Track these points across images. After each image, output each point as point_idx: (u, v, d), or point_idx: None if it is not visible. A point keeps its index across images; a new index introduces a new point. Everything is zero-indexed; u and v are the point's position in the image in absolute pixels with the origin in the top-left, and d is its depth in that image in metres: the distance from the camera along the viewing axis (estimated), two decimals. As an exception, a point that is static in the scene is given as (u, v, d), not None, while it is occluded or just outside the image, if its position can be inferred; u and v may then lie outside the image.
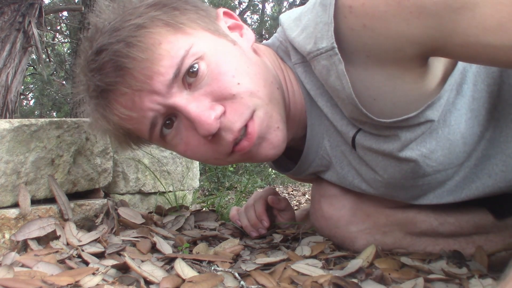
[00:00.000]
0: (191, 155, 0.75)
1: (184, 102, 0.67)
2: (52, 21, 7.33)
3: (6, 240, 0.78)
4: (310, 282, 0.66)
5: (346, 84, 0.64)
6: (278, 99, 0.73)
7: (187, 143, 0.72)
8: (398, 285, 0.67)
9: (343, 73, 0.63)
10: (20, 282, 0.59)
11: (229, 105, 0.68)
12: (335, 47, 0.61)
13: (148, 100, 0.68)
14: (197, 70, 0.67)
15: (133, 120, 0.71)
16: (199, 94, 0.68)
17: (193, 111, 0.66)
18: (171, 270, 0.72)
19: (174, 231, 1.00)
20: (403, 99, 0.65)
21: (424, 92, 0.65)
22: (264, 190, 1.07)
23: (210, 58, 0.68)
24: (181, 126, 0.72)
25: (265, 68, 0.74)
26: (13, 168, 0.81)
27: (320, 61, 0.65)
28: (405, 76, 0.63)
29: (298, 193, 3.94)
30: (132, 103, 0.69)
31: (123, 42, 0.66)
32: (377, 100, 0.66)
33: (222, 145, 0.70)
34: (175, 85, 0.67)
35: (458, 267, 0.74)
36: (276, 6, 11.99)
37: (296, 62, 0.76)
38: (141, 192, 1.26)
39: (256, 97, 0.68)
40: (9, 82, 3.54)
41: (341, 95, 0.66)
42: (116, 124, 0.73)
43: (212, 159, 0.75)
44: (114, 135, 0.77)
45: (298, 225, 1.06)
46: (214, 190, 4.22)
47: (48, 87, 9.79)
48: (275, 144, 0.72)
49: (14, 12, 3.60)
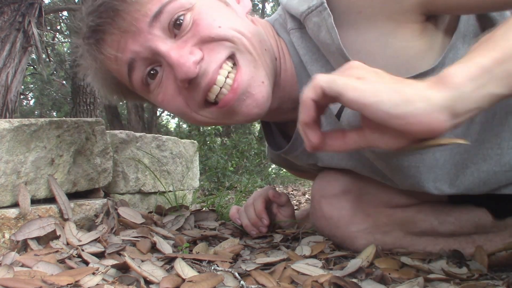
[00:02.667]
0: (166, 105, 0.76)
1: (167, 48, 0.70)
2: (52, 21, 7.33)
3: (6, 240, 0.78)
4: (310, 282, 0.66)
5: (335, 36, 0.66)
6: (266, 59, 0.74)
7: (165, 92, 0.74)
8: (398, 284, 0.67)
9: (332, 25, 0.66)
10: (20, 282, 0.59)
11: (207, 49, 0.70)
12: (324, 2, 0.66)
13: (131, 42, 0.71)
14: (183, 21, 0.70)
15: (117, 62, 0.74)
16: (181, 42, 0.71)
17: (173, 55, 0.69)
18: (171, 270, 0.72)
19: (174, 231, 1.00)
20: (393, 60, 0.66)
21: (415, 58, 0.66)
22: (264, 189, 1.07)
23: (196, 10, 0.71)
24: (164, 75, 0.73)
25: (257, 32, 0.76)
26: (13, 168, 0.81)
27: (312, 18, 0.69)
28: (397, 31, 0.65)
29: (298, 192, 3.94)
30: (118, 44, 0.72)
31: None
32: (367, 64, 0.67)
33: (196, 92, 0.71)
34: (156, 25, 0.70)
35: (458, 266, 0.74)
36: (276, 6, 12.00)
37: (292, 28, 0.78)
38: (141, 192, 1.26)
39: (237, 41, 0.70)
40: (9, 82, 3.54)
41: (331, 49, 0.68)
42: (102, 64, 0.76)
43: (186, 110, 0.75)
44: (103, 79, 0.80)
45: (298, 225, 1.06)
46: (214, 189, 4.22)
47: (48, 87, 9.80)
48: (259, 101, 0.72)
49: (14, 11, 3.60)
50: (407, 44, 0.65)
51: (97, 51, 0.74)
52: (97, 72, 0.79)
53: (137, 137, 1.25)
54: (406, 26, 0.64)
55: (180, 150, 1.43)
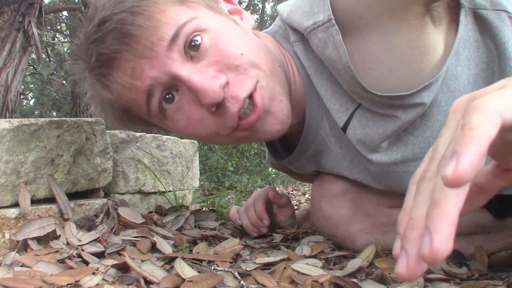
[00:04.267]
0: (193, 131, 0.72)
1: (187, 73, 0.67)
2: (52, 21, 7.33)
3: (6, 240, 0.78)
4: (310, 282, 0.66)
5: (343, 53, 0.65)
6: (280, 75, 0.73)
7: (189, 118, 0.70)
8: (398, 284, 0.67)
9: (340, 42, 0.65)
10: (20, 282, 0.59)
11: (232, 76, 0.67)
12: (332, 18, 0.64)
13: (149, 67, 0.67)
14: (200, 43, 0.67)
15: (133, 91, 0.70)
16: (201, 66, 0.67)
17: (196, 80, 0.66)
18: (171, 270, 0.72)
19: (174, 231, 1.00)
20: (398, 62, 0.66)
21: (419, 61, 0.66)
22: (264, 189, 1.07)
23: (213, 31, 0.68)
24: (183, 100, 0.70)
25: (266, 47, 0.75)
26: (13, 167, 0.81)
27: (317, 34, 0.67)
28: (400, 30, 0.64)
29: (298, 192, 3.94)
30: (133, 71, 0.68)
31: (128, 11, 0.66)
32: (373, 69, 0.67)
33: (228, 117, 0.68)
34: (174, 48, 0.66)
35: (458, 266, 0.74)
36: (276, 5, 11.99)
37: (295, 41, 0.77)
38: (141, 192, 1.26)
39: (258, 69, 0.69)
40: (9, 82, 3.54)
41: (338, 66, 0.67)
42: (118, 93, 0.71)
43: (214, 135, 0.73)
44: (113, 108, 0.76)
45: (298, 225, 1.06)
46: (214, 189, 4.21)
47: (48, 87, 9.79)
48: (280, 118, 0.71)
49: (14, 11, 3.60)
50: (411, 45, 0.65)
51: (112, 81, 0.69)
52: (108, 103, 0.74)
53: (137, 137, 1.25)
54: (409, 23, 0.64)
55: (180, 150, 1.43)
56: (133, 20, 0.66)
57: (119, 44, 0.66)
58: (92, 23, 0.69)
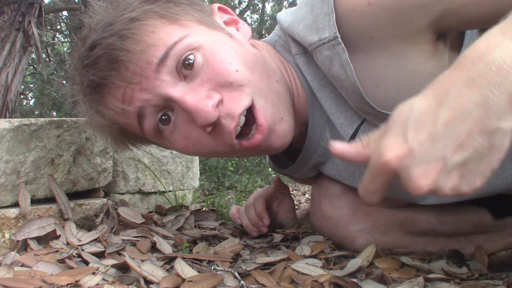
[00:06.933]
0: (192, 149, 0.72)
1: (180, 93, 0.66)
2: (52, 21, 7.32)
3: (6, 240, 0.78)
4: (310, 282, 0.66)
5: (351, 73, 0.64)
6: (279, 91, 0.72)
7: (187, 137, 0.70)
8: (398, 284, 0.67)
9: (347, 61, 0.63)
10: (20, 282, 0.59)
11: (227, 93, 0.66)
12: (338, 36, 0.63)
13: (138, 91, 0.66)
14: (193, 62, 0.66)
15: (125, 115, 0.70)
16: (195, 85, 0.66)
17: (189, 101, 0.65)
18: (171, 270, 0.72)
19: (174, 231, 1.00)
20: (406, 83, 0.65)
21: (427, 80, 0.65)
22: (264, 189, 1.07)
23: (206, 49, 0.67)
24: (178, 120, 0.69)
25: (263, 60, 0.73)
26: (13, 167, 0.81)
27: (323, 51, 0.65)
28: (409, 54, 0.63)
29: (298, 192, 3.94)
30: (124, 96, 0.67)
31: (117, 35, 0.65)
32: (380, 87, 0.66)
33: (225, 135, 0.68)
34: (163, 70, 0.65)
35: (458, 266, 0.74)
36: (276, 5, 11.98)
37: (297, 53, 0.76)
38: (141, 192, 1.26)
39: (253, 86, 0.67)
40: (9, 82, 3.55)
41: (345, 84, 0.66)
42: (111, 119, 0.71)
43: (215, 152, 0.72)
44: (110, 132, 0.76)
45: (298, 225, 1.06)
46: (214, 189, 4.21)
47: (48, 86, 9.79)
48: (281, 135, 0.71)
49: (14, 11, 3.60)
50: (420, 67, 0.64)
51: (104, 107, 0.69)
52: (103, 128, 0.74)
53: (137, 137, 1.25)
54: (419, 48, 0.63)
55: (180, 150, 1.43)
56: (122, 45, 0.65)
57: (109, 70, 0.66)
58: (84, 46, 0.69)
